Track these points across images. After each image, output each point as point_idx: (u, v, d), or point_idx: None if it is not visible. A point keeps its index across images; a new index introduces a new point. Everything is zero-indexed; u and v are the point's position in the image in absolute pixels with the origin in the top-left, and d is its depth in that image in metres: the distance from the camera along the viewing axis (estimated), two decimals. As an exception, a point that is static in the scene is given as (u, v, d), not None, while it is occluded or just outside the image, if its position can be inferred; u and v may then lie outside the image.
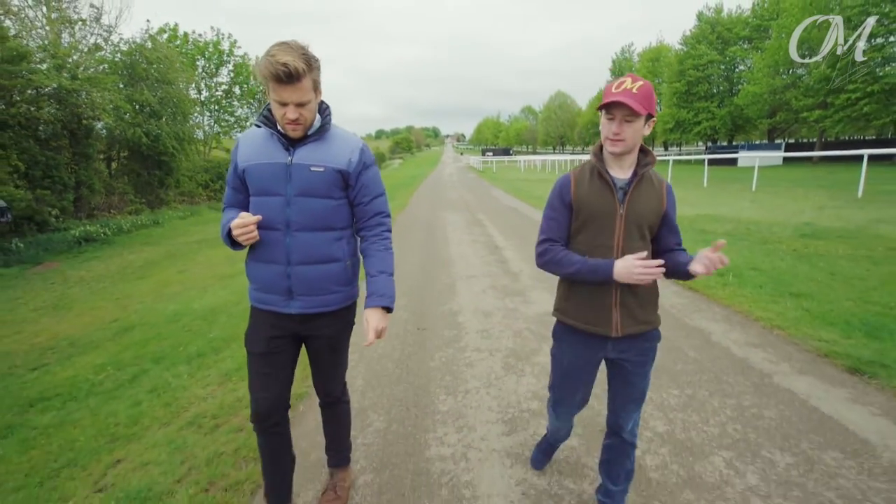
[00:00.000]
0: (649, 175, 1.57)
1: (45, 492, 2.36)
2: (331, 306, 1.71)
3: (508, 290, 5.16)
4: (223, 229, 1.62)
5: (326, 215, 1.65)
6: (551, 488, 2.09)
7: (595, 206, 1.54)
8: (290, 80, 1.42)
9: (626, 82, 1.44)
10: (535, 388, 2.97)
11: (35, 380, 3.95)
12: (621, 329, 1.56)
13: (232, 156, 1.70)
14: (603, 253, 1.53)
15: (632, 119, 1.42)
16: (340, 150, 1.64)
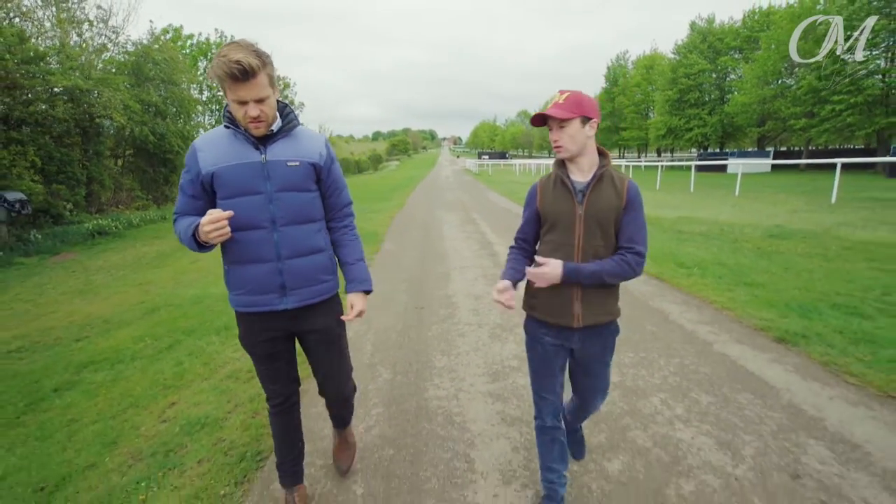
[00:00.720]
0: (609, 175, 1.67)
1: (118, 423, 2.92)
2: (323, 295, 1.78)
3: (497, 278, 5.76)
4: (186, 232, 1.57)
5: (306, 208, 1.71)
6: (523, 416, 2.68)
7: (557, 211, 1.69)
8: (245, 78, 1.44)
9: (555, 96, 1.63)
10: (516, 352, 3.56)
11: (80, 348, 4.50)
12: (581, 320, 1.69)
13: (188, 162, 1.64)
14: (566, 251, 1.67)
15: (564, 125, 1.59)
16: (310, 145, 1.71)
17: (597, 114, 1.62)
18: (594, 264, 1.63)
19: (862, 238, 7.63)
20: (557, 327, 1.73)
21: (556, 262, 1.62)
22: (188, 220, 1.61)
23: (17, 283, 7.56)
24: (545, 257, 1.66)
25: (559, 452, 1.89)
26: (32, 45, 10.29)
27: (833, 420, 2.56)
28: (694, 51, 41.83)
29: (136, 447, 2.61)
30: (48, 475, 2.44)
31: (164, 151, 16.00)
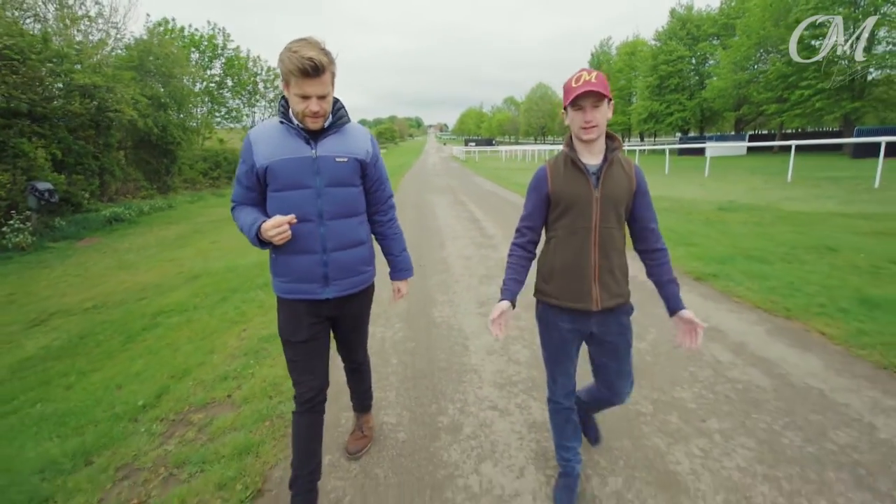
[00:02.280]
0: (618, 158, 1.67)
1: (208, 342, 3.98)
2: (361, 286, 1.86)
3: (484, 244, 6.88)
4: (249, 231, 1.65)
5: (352, 202, 1.77)
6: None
7: (573, 194, 1.64)
8: (315, 74, 1.50)
9: (583, 75, 1.56)
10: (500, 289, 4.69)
11: (146, 304, 5.53)
12: (600, 303, 1.67)
13: (244, 154, 1.70)
14: (583, 235, 1.65)
15: (599, 104, 1.56)
16: (358, 142, 1.77)
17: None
18: (675, 284, 1.78)
19: (796, 209, 8.90)
20: (574, 312, 1.71)
21: (692, 315, 1.72)
22: (249, 214, 1.69)
23: (59, 263, 8.47)
24: (559, 243, 1.71)
25: (573, 431, 1.91)
26: (55, 47, 11.00)
27: (714, 321, 3.75)
28: (673, 37, 42.97)
29: (229, 352, 3.68)
30: (172, 370, 3.51)
31: (166, 143, 16.75)
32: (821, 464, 2.12)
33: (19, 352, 4.39)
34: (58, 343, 4.51)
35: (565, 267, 1.70)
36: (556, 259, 1.72)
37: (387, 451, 2.33)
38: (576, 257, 1.67)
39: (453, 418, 2.58)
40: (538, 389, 2.84)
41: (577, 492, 1.93)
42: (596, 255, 1.66)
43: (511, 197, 12.82)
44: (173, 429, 2.72)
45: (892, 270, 4.87)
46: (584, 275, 1.67)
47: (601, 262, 1.66)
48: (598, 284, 1.67)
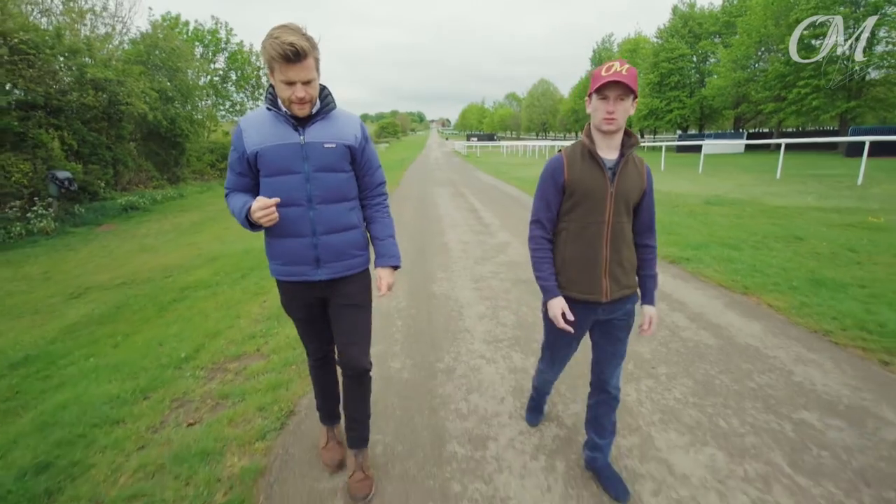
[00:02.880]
0: (632, 155, 1.68)
1: (233, 311, 4.51)
2: (354, 269, 1.88)
3: (481, 232, 7.40)
4: (239, 213, 1.71)
5: (342, 187, 1.79)
6: (493, 296, 4.34)
7: (588, 186, 1.65)
8: (297, 59, 1.51)
9: (615, 66, 1.54)
10: (494, 270, 5.21)
11: (172, 281, 6.06)
12: (610, 294, 1.71)
13: (235, 141, 1.74)
14: (595, 229, 1.67)
15: (624, 98, 1.54)
16: (346, 127, 1.79)
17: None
18: (654, 279, 1.85)
19: (777, 204, 9.41)
20: (584, 303, 1.74)
21: (653, 312, 1.82)
22: (241, 198, 1.75)
23: (84, 246, 9.00)
24: (571, 236, 1.73)
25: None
26: (68, 42, 11.50)
27: (679, 296, 4.27)
28: (675, 35, 43.24)
29: (253, 318, 4.21)
30: (205, 332, 4.03)
31: (174, 135, 17.23)
32: (741, 396, 2.65)
33: (65, 319, 4.92)
34: (98, 312, 5.05)
35: (576, 260, 1.71)
36: (566, 252, 1.74)
37: (393, 387, 2.86)
38: (587, 251, 1.69)
39: (448, 364, 3.11)
40: (520, 345, 3.37)
41: (544, 412, 2.41)
42: (607, 250, 1.68)
43: (510, 190, 13.32)
44: (213, 374, 3.25)
45: (848, 256, 5.39)
46: (594, 268, 1.69)
47: (612, 255, 1.69)
48: (607, 277, 1.70)
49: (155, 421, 2.70)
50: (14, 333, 4.67)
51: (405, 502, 1.93)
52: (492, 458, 2.19)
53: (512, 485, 2.01)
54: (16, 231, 9.08)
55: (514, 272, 5.07)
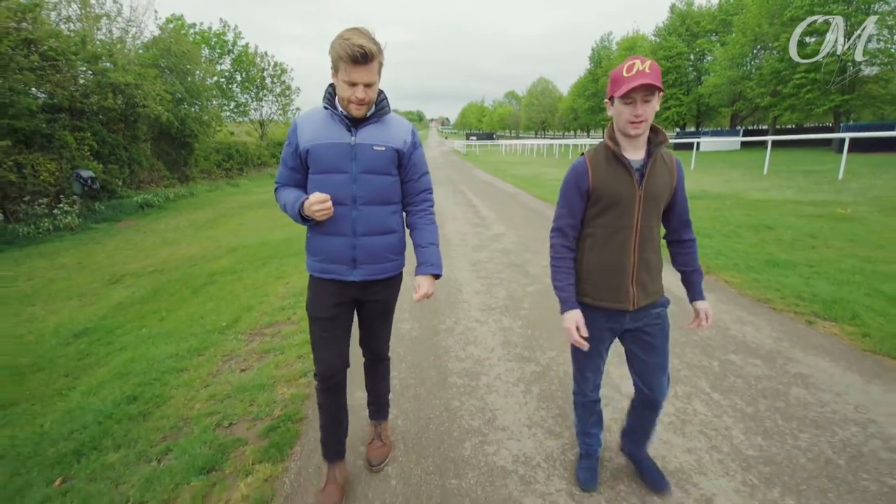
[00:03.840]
0: (661, 153, 1.60)
1: (260, 291, 5.15)
2: (388, 273, 1.89)
3: (479, 224, 8.05)
4: (293, 206, 1.73)
5: (386, 190, 1.81)
6: (489, 276, 4.98)
7: (615, 191, 1.58)
8: (364, 62, 1.56)
9: (636, 64, 1.46)
10: (489, 256, 5.84)
11: (199, 269, 6.70)
12: (637, 302, 1.65)
13: (290, 137, 1.79)
14: (623, 234, 1.60)
15: (650, 98, 1.46)
16: (397, 132, 1.80)
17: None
18: (698, 273, 1.78)
19: (756, 197, 10.04)
20: (610, 311, 1.68)
21: (706, 307, 1.76)
22: (292, 192, 1.79)
23: (108, 240, 9.65)
24: (597, 243, 1.65)
25: (597, 419, 1.96)
26: (92, 48, 12.15)
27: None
28: (673, 33, 43.81)
29: (279, 295, 4.85)
30: (239, 307, 4.68)
31: (184, 135, 17.88)
32: (684, 345, 3.29)
33: (110, 300, 5.56)
34: (138, 294, 5.68)
35: (603, 267, 1.65)
36: (592, 259, 1.67)
37: (404, 342, 3.50)
38: (615, 258, 1.62)
39: (449, 326, 3.76)
40: (509, 312, 4.01)
41: (598, 472, 2.01)
42: (635, 256, 1.62)
43: (507, 187, 13.95)
44: (253, 337, 3.89)
45: (807, 242, 6.02)
46: (622, 275, 1.63)
47: (639, 262, 1.63)
48: (635, 284, 1.64)
49: (212, 369, 3.34)
50: (67, 312, 5.31)
51: (418, 413, 2.58)
52: (483, 385, 2.83)
53: (498, 402, 2.66)
54: (44, 226, 9.73)
55: (507, 257, 5.71)
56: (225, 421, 2.60)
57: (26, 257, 8.19)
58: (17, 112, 10.13)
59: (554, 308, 4.14)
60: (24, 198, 9.91)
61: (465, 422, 2.48)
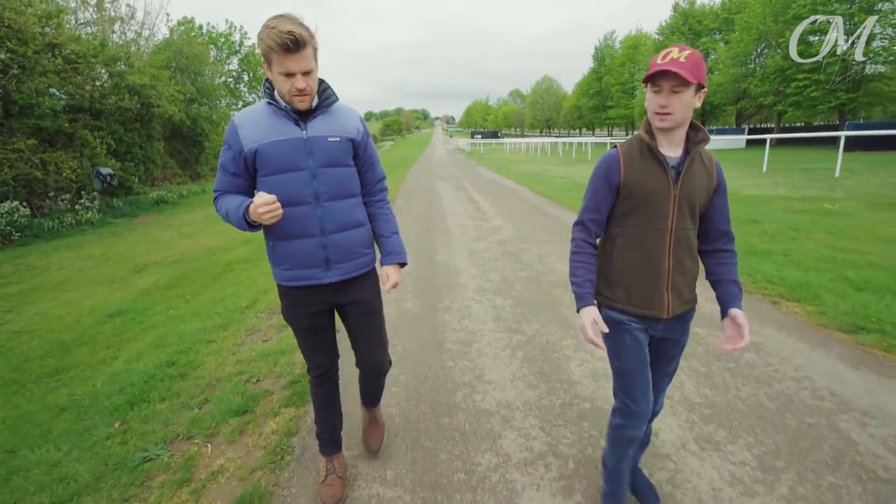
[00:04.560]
0: (699, 153, 1.51)
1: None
2: (363, 269, 1.82)
3: (479, 218, 8.46)
4: (236, 212, 1.58)
5: (348, 183, 1.75)
6: (485, 263, 5.39)
7: (648, 188, 1.48)
8: (297, 48, 1.46)
9: (672, 52, 1.37)
10: (487, 246, 6.26)
11: (216, 259, 7.16)
12: (672, 310, 1.55)
13: (229, 139, 1.64)
14: (657, 236, 1.49)
15: (680, 90, 1.36)
16: (348, 121, 1.74)
17: (705, 82, 1.41)
18: (736, 285, 1.60)
19: (750, 193, 10.38)
20: (644, 318, 1.58)
21: (742, 316, 1.55)
22: (235, 199, 1.63)
23: (128, 233, 10.16)
24: (628, 244, 1.55)
25: (636, 451, 1.82)
26: (111, 51, 12.68)
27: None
28: (676, 32, 43.89)
29: (294, 281, 5.28)
30: (256, 291, 5.11)
31: (195, 134, 18.42)
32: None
33: (137, 286, 6.03)
34: (162, 281, 6.15)
35: (635, 270, 1.54)
36: (623, 261, 1.56)
37: (406, 317, 3.92)
38: (648, 261, 1.52)
39: (447, 304, 4.18)
40: (501, 293, 4.42)
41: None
42: (670, 260, 1.52)
43: (508, 184, 14.33)
44: (271, 315, 4.33)
45: (788, 234, 6.38)
46: (656, 280, 1.53)
47: (674, 266, 1.52)
48: (670, 291, 1.53)
49: (237, 341, 3.78)
50: (100, 296, 5.78)
51: (417, 371, 3.00)
52: (474, 351, 3.25)
53: (486, 363, 3.08)
54: (67, 221, 10.26)
55: (503, 247, 6.11)
56: (253, 378, 3.04)
57: (53, 249, 8.70)
58: (41, 112, 10.66)
59: (542, 289, 4.58)
60: (49, 194, 10.44)
61: (458, 377, 2.90)
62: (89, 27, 15.92)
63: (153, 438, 2.48)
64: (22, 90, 10.69)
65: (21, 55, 10.05)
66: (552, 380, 2.84)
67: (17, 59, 10.05)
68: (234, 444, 2.39)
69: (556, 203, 9.80)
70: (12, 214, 9.20)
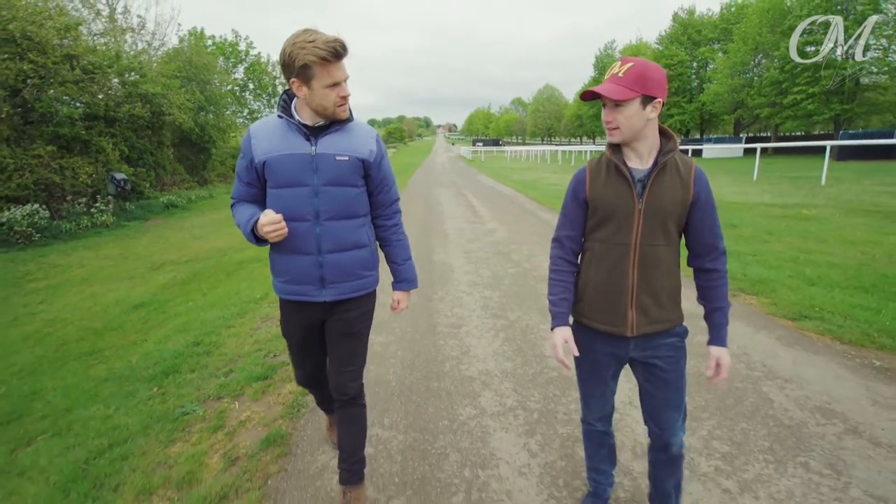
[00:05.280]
0: (674, 162, 1.44)
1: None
2: (361, 291, 1.79)
3: (475, 222, 8.95)
4: (245, 226, 1.64)
5: (351, 203, 1.71)
6: (476, 260, 5.87)
7: (611, 203, 1.46)
8: (344, 54, 1.49)
9: (615, 66, 1.39)
10: (480, 246, 6.73)
11: (228, 258, 7.65)
12: (636, 329, 1.49)
13: (244, 149, 1.67)
14: (619, 251, 1.47)
15: (621, 104, 1.35)
16: (361, 140, 1.71)
17: (663, 92, 1.37)
18: (721, 313, 1.55)
19: (735, 200, 10.87)
20: (609, 335, 1.54)
21: (720, 354, 1.52)
22: (247, 210, 1.69)
23: (141, 235, 10.67)
24: (594, 259, 1.53)
25: (607, 454, 1.81)
26: (125, 62, 13.31)
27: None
28: (675, 41, 44.61)
29: (302, 277, 5.77)
30: (269, 285, 5.58)
31: (203, 141, 19.01)
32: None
33: (156, 282, 6.51)
34: (179, 277, 6.63)
35: (599, 286, 1.53)
36: (589, 276, 1.55)
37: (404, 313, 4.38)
38: (610, 277, 1.50)
39: (441, 296, 4.65)
40: (490, 286, 4.89)
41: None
42: (634, 277, 1.47)
43: (506, 191, 14.85)
44: (282, 306, 4.80)
45: (762, 237, 6.85)
46: (618, 297, 1.49)
47: (640, 283, 1.48)
48: (634, 308, 1.49)
49: (253, 326, 4.26)
50: (123, 290, 6.26)
51: (412, 347, 3.47)
52: (463, 332, 3.73)
53: (472, 342, 3.55)
54: (83, 223, 10.78)
55: (496, 248, 6.59)
56: (270, 354, 3.51)
57: (72, 249, 9.21)
58: (60, 120, 11.22)
59: (527, 283, 5.05)
60: (66, 197, 10.96)
61: (447, 352, 3.37)
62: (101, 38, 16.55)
63: (188, 399, 2.95)
64: (41, 99, 11.27)
65: (41, 66, 10.62)
66: (527, 355, 3.31)
67: (38, 69, 10.62)
68: (257, 401, 2.86)
69: (548, 208, 10.30)
70: (33, 216, 9.72)
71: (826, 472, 2.09)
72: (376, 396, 2.83)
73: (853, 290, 4.42)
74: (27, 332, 4.91)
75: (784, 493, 1.98)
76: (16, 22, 10.23)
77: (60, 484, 2.26)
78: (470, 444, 2.36)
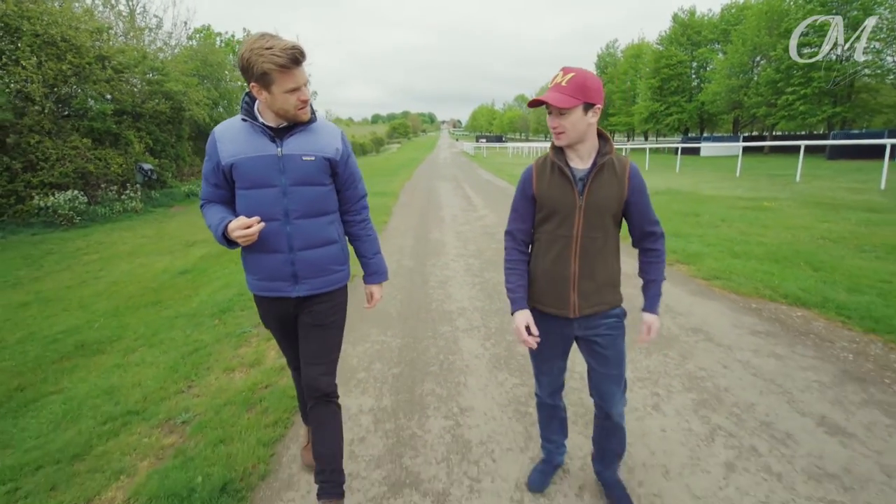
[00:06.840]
0: (611, 162, 1.60)
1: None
2: (334, 285, 1.84)
3: (469, 209, 10.04)
4: (216, 229, 1.66)
5: (320, 201, 1.76)
6: (466, 241, 6.96)
7: (555, 200, 1.61)
8: (301, 61, 1.54)
9: (557, 76, 1.50)
10: (470, 228, 7.81)
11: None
12: (578, 310, 1.67)
13: (209, 150, 1.71)
14: (563, 243, 1.63)
15: (566, 111, 1.48)
16: (327, 140, 1.76)
17: (601, 98, 1.52)
18: (655, 284, 1.75)
19: (708, 193, 11.89)
20: (555, 317, 1.72)
21: (652, 320, 1.72)
22: (217, 213, 1.72)
23: (169, 220, 11.79)
24: (541, 248, 1.70)
25: (559, 426, 2.00)
26: (151, 63, 14.43)
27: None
28: (674, 42, 45.33)
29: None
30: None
31: (218, 135, 20.11)
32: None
33: (193, 255, 7.59)
34: (213, 251, 7.71)
35: (545, 273, 1.69)
36: (537, 264, 1.72)
37: (405, 270, 5.48)
38: (554, 265, 1.66)
39: (434, 262, 5.76)
40: (474, 256, 5.98)
41: (550, 478, 2.05)
42: (575, 265, 1.64)
43: (501, 183, 15.91)
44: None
45: (715, 223, 7.89)
46: (562, 283, 1.66)
47: (581, 271, 1.64)
48: (576, 292, 1.66)
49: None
50: (166, 262, 7.36)
51: (408, 295, 4.57)
52: (448, 286, 4.84)
53: (455, 292, 4.65)
54: (116, 209, 11.92)
55: (483, 229, 7.67)
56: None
57: (111, 230, 10.32)
58: (94, 115, 12.35)
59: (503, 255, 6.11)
60: (101, 185, 12.09)
61: (434, 297, 4.49)
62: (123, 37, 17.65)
63: (244, 326, 4.06)
64: (77, 96, 12.41)
65: (77, 66, 11.73)
66: (494, 298, 4.41)
67: (75, 69, 11.73)
68: (296, 324, 3.97)
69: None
70: (73, 201, 10.85)
71: (675, 357, 3.18)
72: (381, 322, 3.94)
73: (766, 261, 5.48)
74: (98, 290, 6.01)
75: (644, 371, 3.06)
76: (56, 27, 11.34)
77: (168, 365, 3.38)
78: (444, 344, 3.47)
